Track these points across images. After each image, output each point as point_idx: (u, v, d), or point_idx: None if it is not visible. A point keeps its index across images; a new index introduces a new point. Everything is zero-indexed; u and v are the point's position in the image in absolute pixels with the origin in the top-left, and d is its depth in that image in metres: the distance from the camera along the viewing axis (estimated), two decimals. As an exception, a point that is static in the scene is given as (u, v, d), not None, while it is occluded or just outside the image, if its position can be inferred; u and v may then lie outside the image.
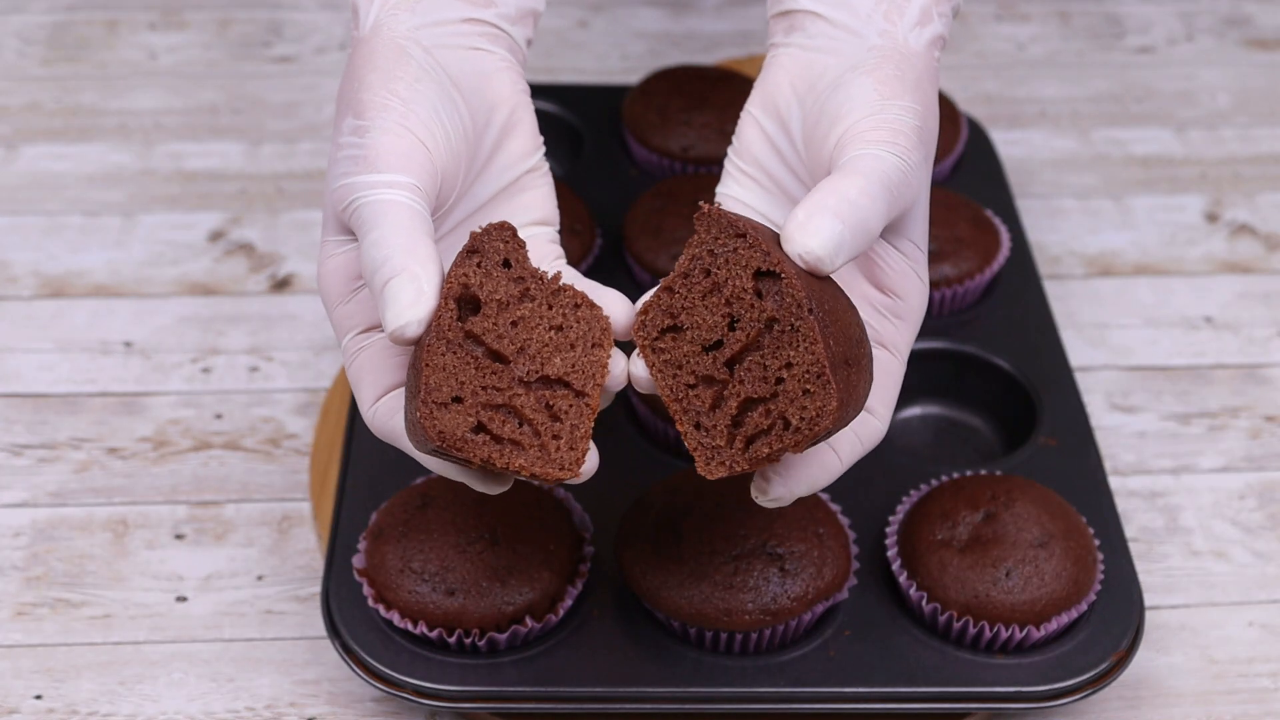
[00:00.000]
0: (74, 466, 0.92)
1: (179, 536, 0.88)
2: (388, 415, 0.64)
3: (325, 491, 0.89)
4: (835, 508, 0.81)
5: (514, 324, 0.62)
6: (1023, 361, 0.92)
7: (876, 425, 0.66)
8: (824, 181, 0.61)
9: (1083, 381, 0.98)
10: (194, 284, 1.05)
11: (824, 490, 0.82)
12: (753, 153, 0.70)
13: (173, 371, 0.99)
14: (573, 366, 0.62)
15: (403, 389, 0.64)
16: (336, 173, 0.64)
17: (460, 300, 0.61)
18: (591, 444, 0.62)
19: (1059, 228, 1.12)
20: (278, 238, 1.09)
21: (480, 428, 0.60)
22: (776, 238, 0.62)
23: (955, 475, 0.83)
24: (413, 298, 0.59)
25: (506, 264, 0.62)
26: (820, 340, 0.59)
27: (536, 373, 0.62)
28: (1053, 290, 1.05)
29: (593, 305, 0.63)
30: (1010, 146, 1.20)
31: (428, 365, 0.59)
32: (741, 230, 0.61)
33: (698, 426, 0.62)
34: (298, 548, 0.88)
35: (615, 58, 1.29)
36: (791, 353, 0.59)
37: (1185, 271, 1.08)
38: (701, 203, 0.62)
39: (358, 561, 0.79)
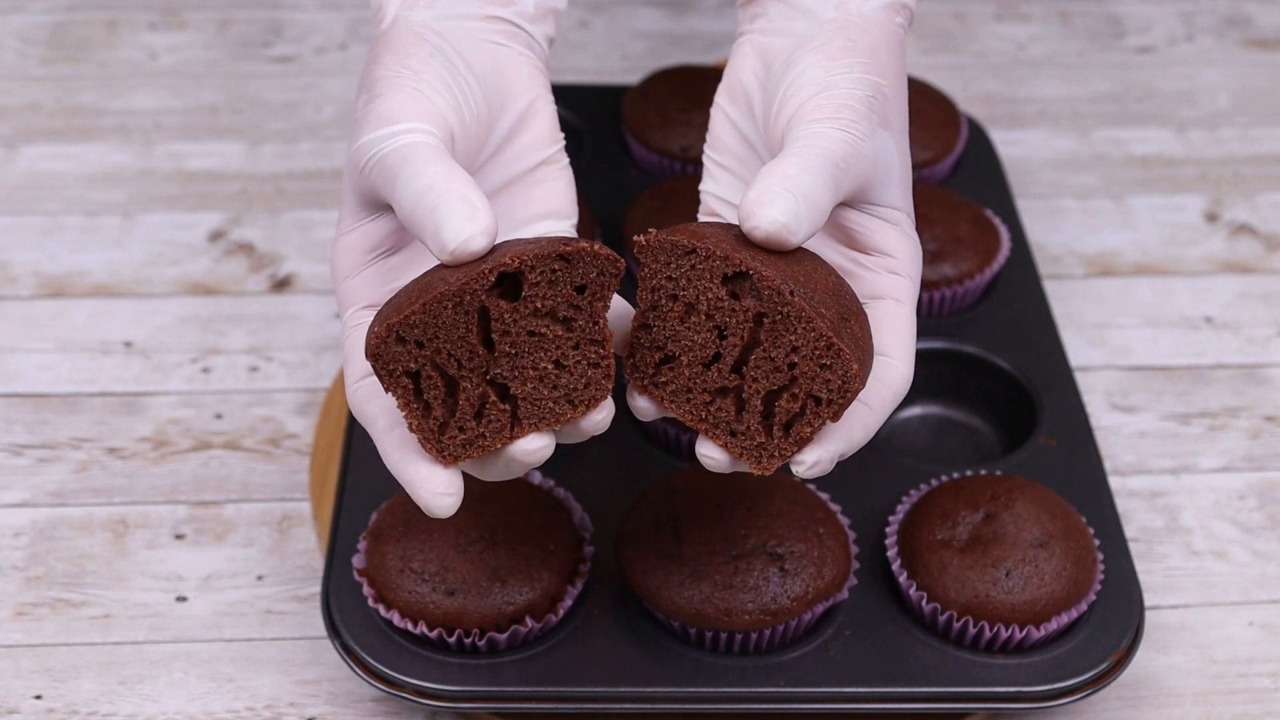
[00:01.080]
0: (74, 466, 0.92)
1: (179, 536, 0.88)
2: (367, 397, 0.63)
3: (325, 491, 0.89)
4: (835, 508, 0.81)
5: (530, 333, 0.60)
6: (1023, 361, 0.92)
7: (900, 367, 0.64)
8: (765, 166, 0.61)
9: (1083, 381, 0.98)
10: (194, 284, 1.05)
11: (824, 490, 0.82)
12: (725, 144, 0.70)
13: (173, 371, 0.99)
14: (534, 401, 0.60)
15: None
16: (352, 141, 0.63)
17: (505, 275, 0.59)
18: (447, 476, 0.60)
19: (1059, 228, 1.12)
20: (278, 238, 1.09)
21: (414, 375, 0.59)
22: (732, 236, 0.61)
23: (955, 475, 0.83)
24: (469, 214, 0.58)
25: (580, 289, 0.60)
26: (814, 315, 0.58)
27: (503, 379, 0.60)
28: (1053, 290, 1.05)
29: (609, 376, 0.61)
30: (1010, 146, 1.20)
31: (424, 304, 0.58)
32: (689, 246, 0.60)
33: (734, 435, 0.62)
34: (298, 548, 0.88)
35: (615, 58, 1.29)
36: (792, 337, 0.59)
37: (1185, 271, 1.08)
38: (636, 237, 0.61)
39: (358, 561, 0.79)
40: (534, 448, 0.61)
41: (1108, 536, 0.82)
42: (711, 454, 0.62)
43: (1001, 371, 0.92)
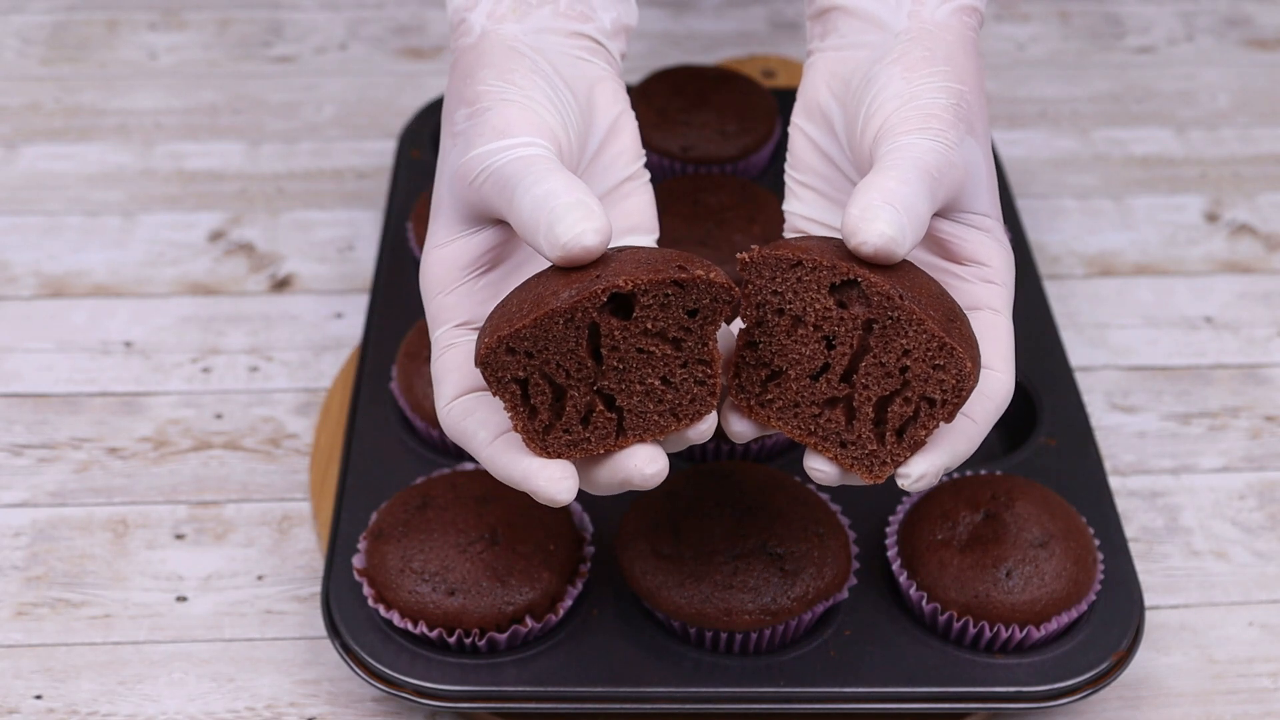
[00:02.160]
0: (74, 466, 0.92)
1: (179, 536, 0.88)
2: (461, 415, 0.63)
3: (325, 491, 0.89)
4: (835, 507, 0.81)
5: (640, 350, 0.60)
6: (1023, 361, 0.92)
7: (1002, 379, 0.63)
8: (863, 181, 0.61)
9: (1083, 381, 0.98)
10: (194, 284, 1.05)
11: (824, 490, 0.82)
12: (807, 164, 0.70)
13: (173, 371, 0.99)
14: (640, 414, 0.61)
15: (481, 393, 0.63)
16: (456, 154, 0.63)
17: (617, 296, 0.59)
18: (559, 464, 0.61)
19: (1059, 228, 1.12)
20: (278, 238, 1.09)
21: (522, 383, 0.60)
22: (832, 248, 0.61)
23: (955, 475, 0.83)
24: (584, 213, 0.58)
25: (692, 313, 0.60)
26: (925, 318, 0.58)
27: (610, 390, 0.60)
28: (1053, 290, 1.05)
29: (713, 394, 0.61)
30: (1010, 146, 1.20)
31: (535, 319, 0.58)
32: (795, 259, 0.60)
33: (844, 445, 0.61)
34: (298, 548, 0.88)
35: (615, 58, 1.29)
36: (903, 341, 0.59)
37: (1185, 271, 1.08)
38: (740, 254, 0.61)
39: (358, 561, 0.79)
40: (652, 472, 0.61)
41: (1108, 536, 0.82)
42: (821, 467, 0.62)
43: (1001, 371, 0.92)
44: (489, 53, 0.66)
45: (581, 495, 0.82)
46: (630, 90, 1.09)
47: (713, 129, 1.04)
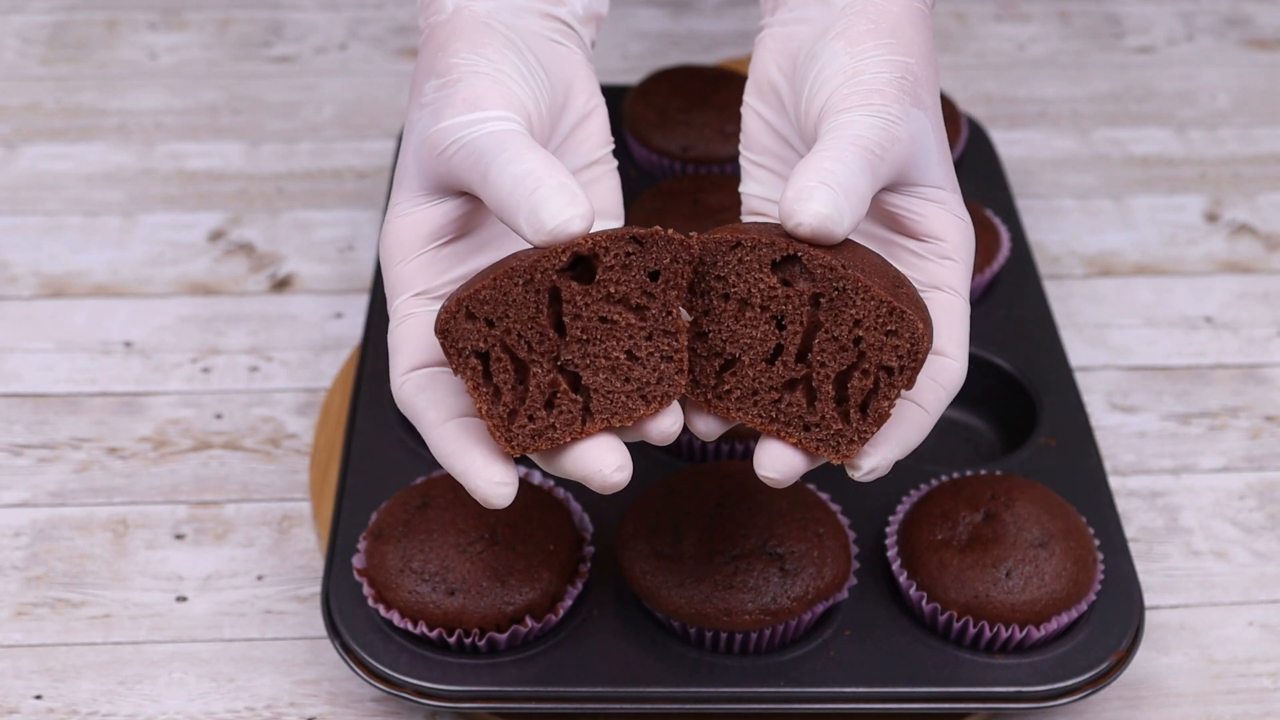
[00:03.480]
0: (74, 466, 0.92)
1: (179, 536, 0.88)
2: (415, 390, 0.61)
3: (325, 491, 0.89)
4: (835, 508, 0.81)
5: (603, 319, 0.59)
6: (1023, 361, 0.92)
7: (953, 365, 0.63)
8: (800, 163, 0.60)
9: (1083, 381, 0.98)
10: (194, 284, 1.05)
11: (824, 490, 0.82)
12: (761, 143, 0.69)
13: (173, 371, 0.99)
14: (606, 394, 0.60)
15: (438, 368, 0.62)
16: (423, 124, 0.62)
17: (578, 258, 0.58)
18: (502, 467, 0.59)
19: (1059, 228, 1.12)
20: (278, 238, 1.09)
21: (483, 357, 0.59)
22: (769, 229, 0.61)
23: (955, 475, 0.83)
24: (569, 198, 0.57)
25: (654, 275, 0.59)
26: (870, 284, 0.58)
27: (574, 367, 0.59)
28: (1053, 290, 1.05)
29: (681, 371, 0.60)
30: (1010, 146, 1.20)
31: (494, 279, 0.57)
32: (734, 240, 0.60)
33: (808, 429, 0.61)
34: (298, 548, 0.88)
35: (615, 58, 1.29)
36: (852, 311, 0.58)
37: (1185, 271, 1.08)
38: (677, 236, 0.60)
39: (358, 561, 0.79)
40: (616, 480, 0.59)
41: (1108, 536, 0.82)
42: (772, 469, 0.61)
43: (1001, 371, 0.92)
44: (462, 27, 0.65)
45: (582, 495, 0.82)
46: (630, 90, 1.09)
47: (713, 129, 1.04)
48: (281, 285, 1.05)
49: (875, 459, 0.61)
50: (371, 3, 1.35)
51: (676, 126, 1.05)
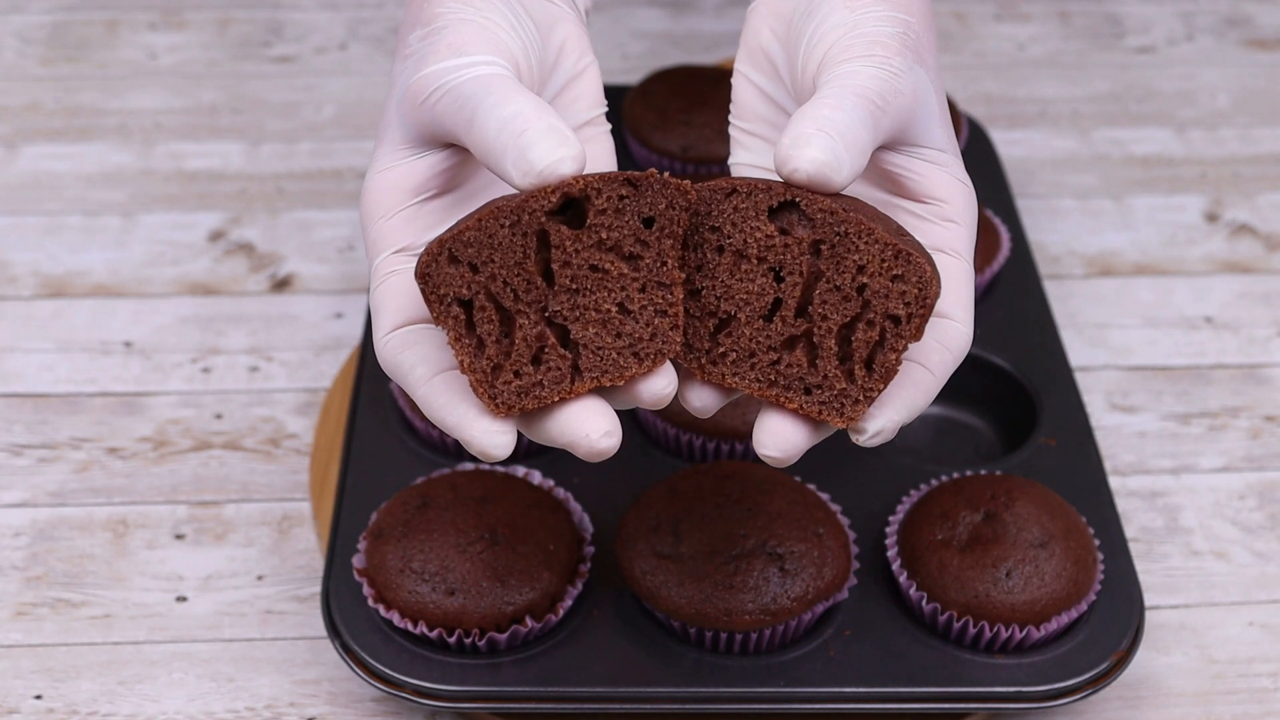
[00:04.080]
0: (74, 466, 0.92)
1: (179, 536, 0.88)
2: (400, 347, 0.58)
3: (325, 491, 0.89)
4: (835, 508, 0.81)
5: (593, 268, 0.55)
6: (1023, 361, 0.92)
7: (959, 328, 0.60)
8: (797, 111, 0.57)
9: (1083, 381, 0.98)
10: (194, 284, 1.05)
11: (824, 490, 0.82)
12: (753, 110, 0.67)
13: (173, 371, 0.99)
14: (596, 350, 0.56)
15: (423, 325, 0.59)
16: (407, 74, 0.59)
17: (569, 200, 0.55)
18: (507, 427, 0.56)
19: (1059, 228, 1.12)
20: (278, 238, 1.09)
21: (467, 307, 0.55)
22: (766, 180, 0.58)
23: (955, 475, 0.83)
24: (559, 139, 0.54)
25: (648, 222, 0.55)
26: (875, 226, 0.55)
27: (563, 319, 0.56)
28: (1053, 290, 1.05)
29: (676, 327, 0.56)
30: (1010, 146, 1.20)
31: (479, 219, 0.54)
32: (729, 187, 0.57)
33: (809, 391, 0.57)
34: (298, 548, 0.88)
35: (615, 58, 1.29)
36: (855, 257, 0.55)
37: (1185, 271, 1.08)
38: (673, 180, 0.56)
39: (358, 561, 0.79)
40: (604, 446, 0.56)
41: (1108, 536, 0.82)
42: (773, 450, 0.57)
43: (1002, 371, 0.92)
44: None
45: (582, 495, 0.82)
46: (630, 90, 1.09)
47: (713, 129, 1.04)
48: (281, 285, 1.05)
49: (881, 420, 0.58)
50: (371, 3, 1.35)
51: (676, 127, 1.05)
